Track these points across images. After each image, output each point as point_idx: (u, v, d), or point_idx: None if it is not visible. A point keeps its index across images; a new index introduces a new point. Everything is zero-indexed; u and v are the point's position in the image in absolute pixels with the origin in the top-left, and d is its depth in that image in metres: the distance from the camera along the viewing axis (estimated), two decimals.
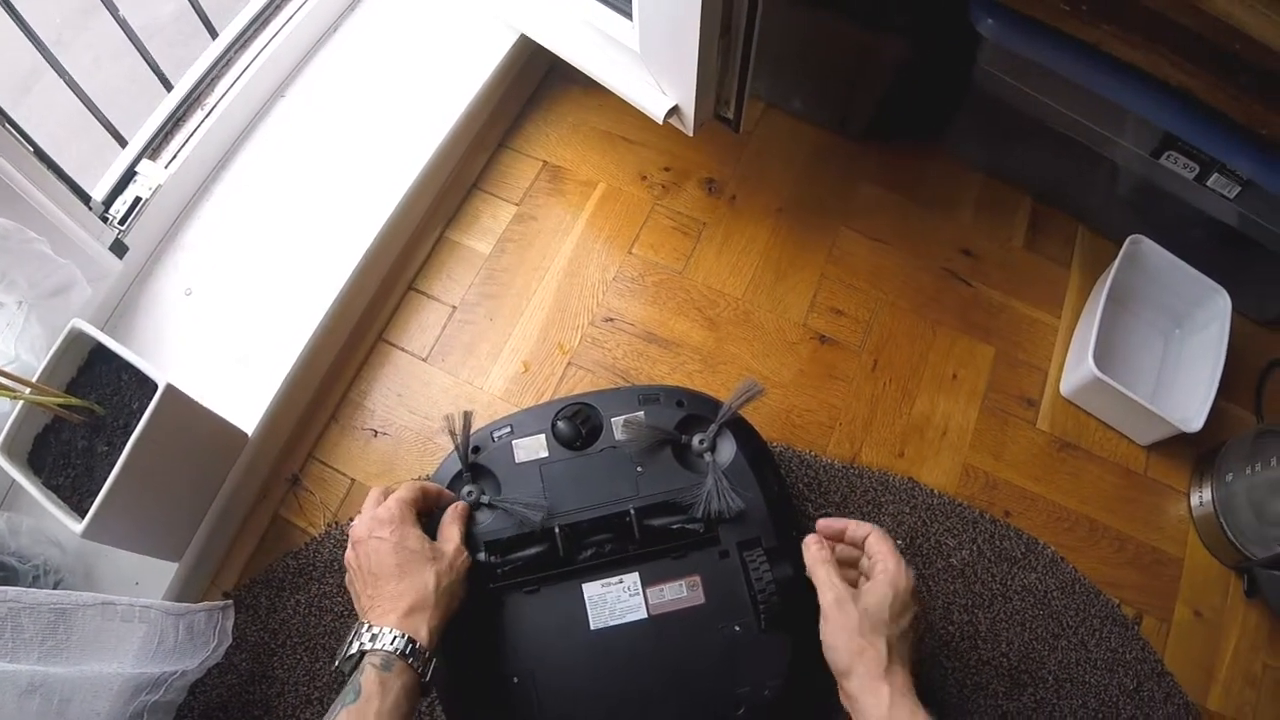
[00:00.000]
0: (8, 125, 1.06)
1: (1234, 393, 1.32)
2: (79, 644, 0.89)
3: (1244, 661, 1.19)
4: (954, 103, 1.42)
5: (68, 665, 0.87)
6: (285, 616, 1.18)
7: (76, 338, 1.03)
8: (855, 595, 0.91)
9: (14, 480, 1.04)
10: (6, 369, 0.95)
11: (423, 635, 0.86)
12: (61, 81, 1.24)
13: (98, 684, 0.90)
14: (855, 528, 0.99)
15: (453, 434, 1.07)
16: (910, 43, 1.31)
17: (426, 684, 0.86)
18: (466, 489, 1.07)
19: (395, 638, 0.85)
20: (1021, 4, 1.13)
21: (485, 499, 1.06)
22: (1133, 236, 1.29)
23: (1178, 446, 1.29)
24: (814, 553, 0.96)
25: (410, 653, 0.84)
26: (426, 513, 1.03)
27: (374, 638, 0.85)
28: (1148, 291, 1.34)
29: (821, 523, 1.02)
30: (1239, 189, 1.16)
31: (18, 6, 1.16)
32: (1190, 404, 1.23)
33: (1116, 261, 1.28)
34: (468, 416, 1.07)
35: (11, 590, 0.81)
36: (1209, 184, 1.18)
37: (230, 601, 1.14)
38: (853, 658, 0.87)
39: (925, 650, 1.18)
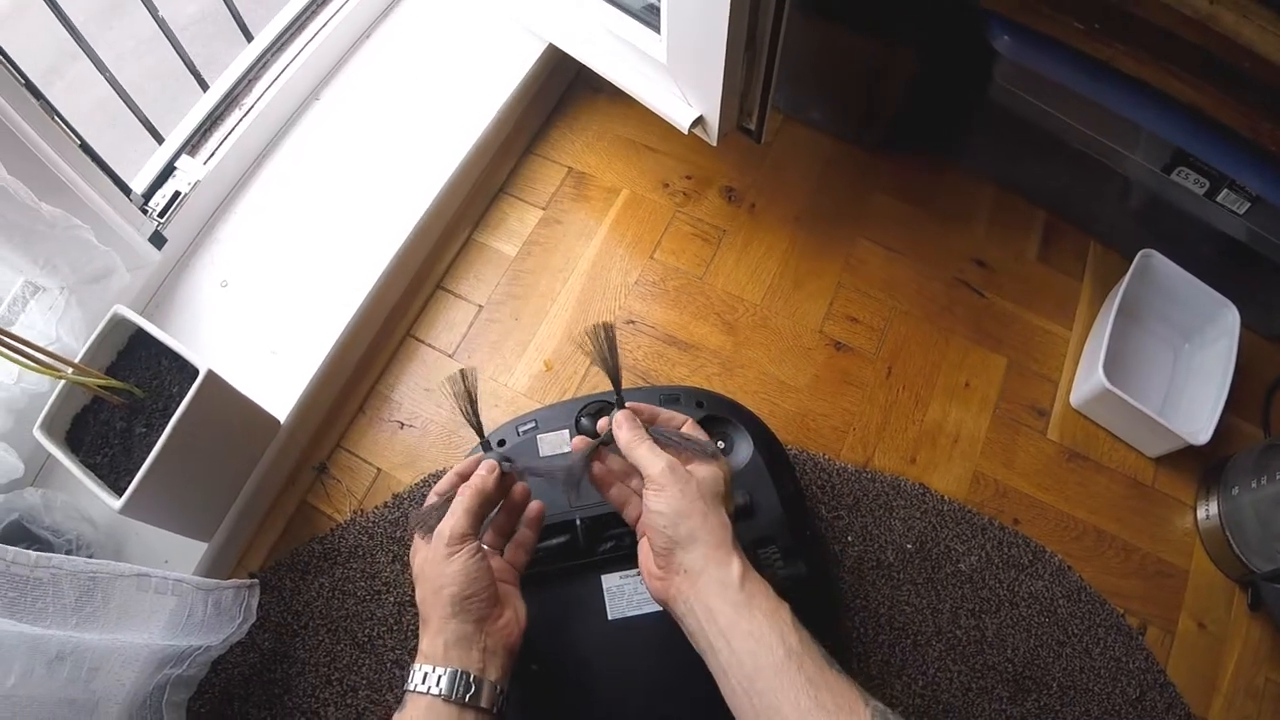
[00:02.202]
0: (57, 118, 1.10)
1: (1242, 407, 1.34)
2: (115, 613, 0.91)
3: (1246, 674, 1.20)
4: (970, 116, 1.44)
5: (102, 632, 0.89)
6: (309, 599, 1.20)
7: (118, 323, 1.07)
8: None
9: (50, 456, 1.08)
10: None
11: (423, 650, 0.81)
12: (79, 81, 1.28)
13: (126, 654, 0.93)
14: (668, 416, 0.92)
15: (457, 397, 0.93)
16: (926, 58, 1.34)
17: None
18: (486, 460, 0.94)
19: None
20: (1036, 22, 1.15)
21: (508, 465, 0.92)
22: (1143, 251, 1.30)
23: (1185, 459, 1.30)
24: (630, 431, 0.86)
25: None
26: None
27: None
28: (1158, 305, 1.36)
29: (632, 405, 0.91)
30: (1248, 205, 1.18)
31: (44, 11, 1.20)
32: (1198, 417, 1.25)
33: (1127, 275, 1.30)
34: (469, 375, 0.93)
35: (56, 556, 0.84)
36: (1219, 200, 1.20)
37: (256, 580, 1.16)
38: (694, 525, 0.79)
39: None
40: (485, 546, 0.89)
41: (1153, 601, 1.24)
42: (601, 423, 0.91)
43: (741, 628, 0.75)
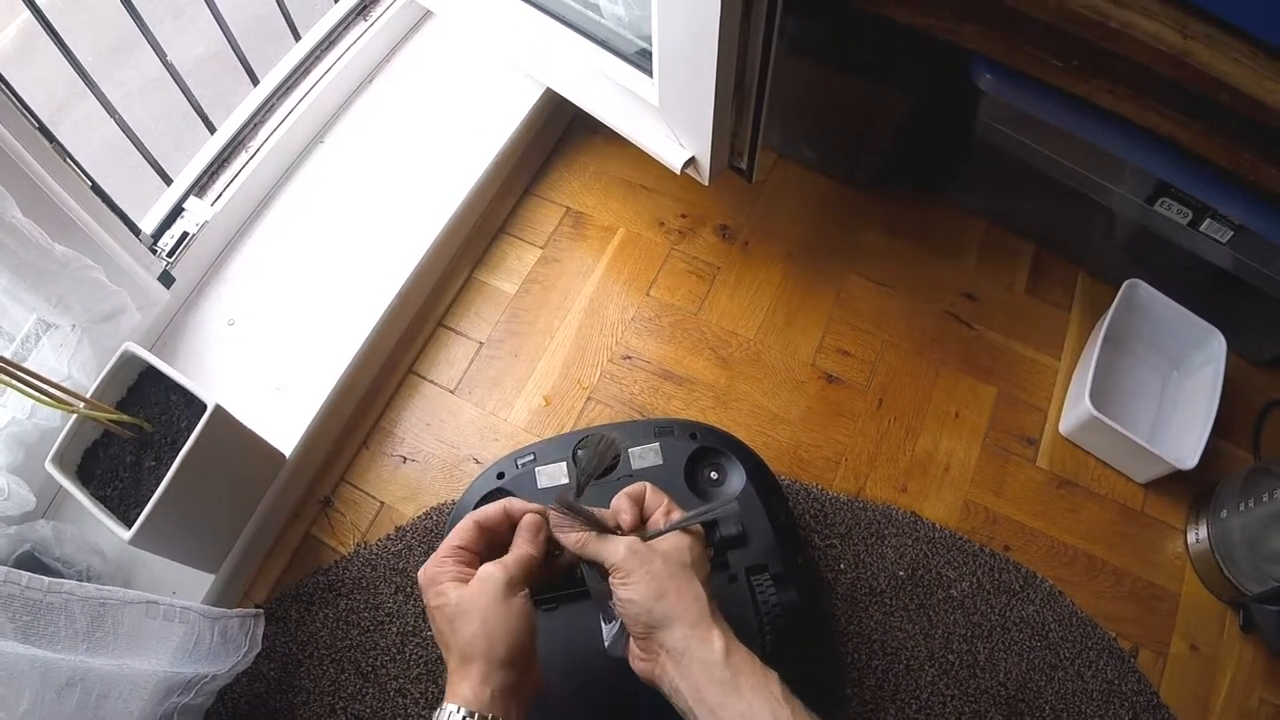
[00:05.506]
0: (69, 161, 1.13)
1: (1232, 432, 1.35)
2: (124, 639, 0.93)
3: (1240, 695, 1.21)
4: (957, 153, 1.47)
5: (111, 658, 0.91)
6: (313, 630, 1.22)
7: (129, 360, 1.10)
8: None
9: (61, 489, 1.10)
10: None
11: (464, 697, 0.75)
12: (86, 120, 1.30)
13: (135, 681, 0.95)
14: (654, 503, 0.89)
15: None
16: (913, 97, 1.37)
17: None
18: None
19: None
20: (1017, 60, 1.18)
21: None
22: (1129, 281, 1.33)
23: (1175, 484, 1.31)
24: (573, 534, 0.84)
25: None
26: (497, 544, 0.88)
27: None
28: (1145, 334, 1.38)
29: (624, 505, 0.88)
30: (1231, 234, 1.19)
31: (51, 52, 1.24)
32: (1186, 443, 1.26)
33: (1113, 305, 1.32)
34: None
35: (68, 583, 0.86)
36: (1202, 229, 1.21)
37: (261, 610, 1.18)
38: (669, 604, 0.77)
39: None
40: None
41: (1145, 625, 1.25)
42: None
43: (730, 708, 0.74)
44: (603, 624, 0.89)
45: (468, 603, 0.79)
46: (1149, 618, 1.25)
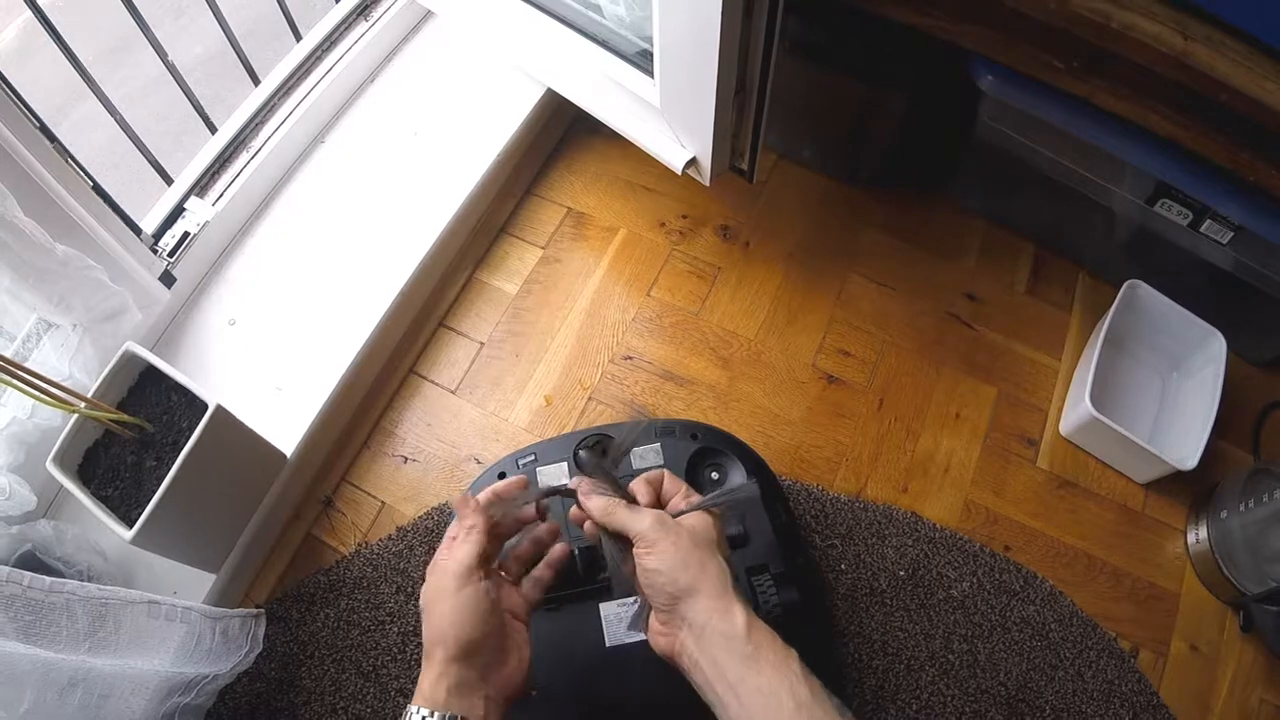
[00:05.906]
0: (70, 161, 1.13)
1: (1232, 433, 1.35)
2: (126, 639, 0.93)
3: (1239, 696, 1.21)
4: (958, 153, 1.47)
5: (113, 658, 0.91)
6: (314, 629, 1.22)
7: (130, 359, 1.10)
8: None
9: (62, 489, 1.11)
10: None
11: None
12: (85, 121, 1.31)
13: (136, 681, 0.95)
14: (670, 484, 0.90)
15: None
16: (913, 98, 1.38)
17: None
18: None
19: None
20: (1017, 61, 1.18)
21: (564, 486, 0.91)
22: (1129, 281, 1.33)
23: (1175, 485, 1.31)
24: (600, 500, 0.84)
25: None
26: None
27: None
28: (1145, 335, 1.38)
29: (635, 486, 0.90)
30: (1231, 234, 1.19)
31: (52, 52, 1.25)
32: (1186, 443, 1.26)
33: (1113, 306, 1.32)
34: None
35: (70, 582, 0.86)
36: (1202, 230, 1.21)
37: (262, 610, 1.18)
38: (693, 576, 0.77)
39: None
40: (503, 574, 0.90)
41: (1145, 625, 1.25)
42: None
43: (750, 682, 0.73)
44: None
45: (428, 596, 0.81)
46: (1149, 618, 1.25)
